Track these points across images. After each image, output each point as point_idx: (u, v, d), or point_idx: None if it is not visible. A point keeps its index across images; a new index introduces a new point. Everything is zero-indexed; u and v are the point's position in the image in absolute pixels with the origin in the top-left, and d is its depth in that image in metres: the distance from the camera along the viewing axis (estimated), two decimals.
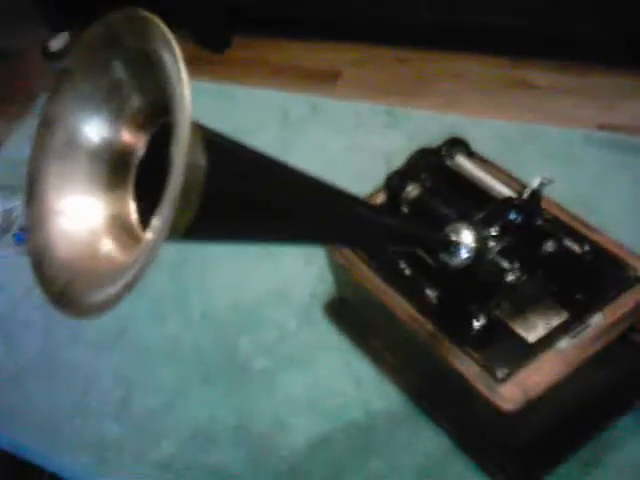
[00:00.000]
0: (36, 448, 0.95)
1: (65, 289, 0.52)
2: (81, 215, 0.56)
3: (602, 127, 1.20)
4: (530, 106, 1.30)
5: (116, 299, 0.48)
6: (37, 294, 0.52)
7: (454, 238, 0.74)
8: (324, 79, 1.49)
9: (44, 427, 0.97)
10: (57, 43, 1.68)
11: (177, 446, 0.89)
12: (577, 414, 0.77)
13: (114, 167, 0.57)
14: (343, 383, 0.90)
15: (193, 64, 1.57)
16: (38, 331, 1.09)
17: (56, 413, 0.98)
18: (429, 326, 0.77)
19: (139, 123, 0.57)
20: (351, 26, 1.50)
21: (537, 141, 1.20)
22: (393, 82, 1.44)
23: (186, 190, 0.46)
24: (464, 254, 0.73)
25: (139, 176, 0.58)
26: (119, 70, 0.55)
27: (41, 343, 1.08)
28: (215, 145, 0.53)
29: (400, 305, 0.80)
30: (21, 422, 0.98)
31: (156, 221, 0.48)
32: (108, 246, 0.54)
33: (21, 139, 1.40)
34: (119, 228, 0.56)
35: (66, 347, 1.06)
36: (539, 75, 1.36)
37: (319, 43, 1.57)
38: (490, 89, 1.36)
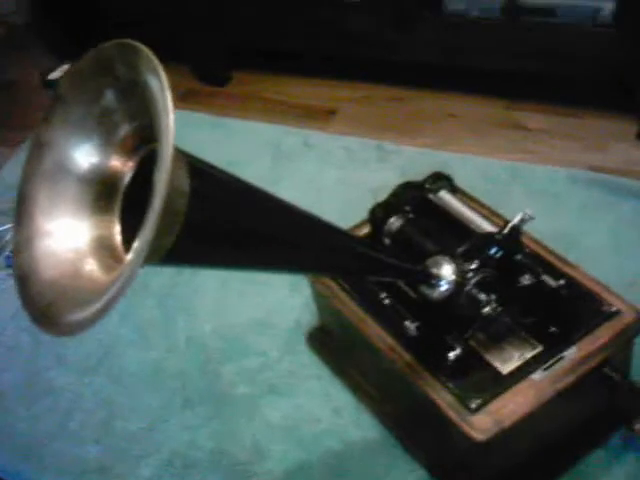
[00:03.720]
0: (17, 470, 0.95)
1: (48, 308, 0.53)
2: (67, 236, 0.57)
3: (593, 169, 1.22)
4: (522, 147, 1.33)
5: (95, 318, 0.50)
6: (24, 317, 0.53)
7: (435, 271, 0.75)
8: (319, 116, 1.52)
9: (26, 449, 0.96)
10: (56, 73, 1.72)
11: (156, 469, 0.90)
12: (551, 446, 0.78)
13: (102, 190, 0.59)
14: (322, 411, 0.91)
15: (191, 97, 1.61)
16: (23, 354, 1.10)
17: (38, 435, 0.98)
18: (406, 355, 0.78)
19: (127, 149, 0.59)
20: (348, 65, 1.54)
21: (523, 179, 1.22)
22: (387, 120, 1.46)
23: (167, 214, 0.48)
24: (444, 287, 0.75)
25: (126, 199, 0.59)
26: (110, 97, 0.57)
27: (25, 366, 1.08)
28: (200, 172, 0.55)
29: (378, 334, 0.82)
30: (2, 444, 0.98)
31: (137, 243, 0.49)
32: (91, 266, 0.56)
33: (17, 165, 1.42)
34: (103, 249, 0.57)
35: (50, 370, 1.06)
36: (532, 117, 1.39)
37: (316, 81, 1.60)
38: (483, 129, 1.39)
